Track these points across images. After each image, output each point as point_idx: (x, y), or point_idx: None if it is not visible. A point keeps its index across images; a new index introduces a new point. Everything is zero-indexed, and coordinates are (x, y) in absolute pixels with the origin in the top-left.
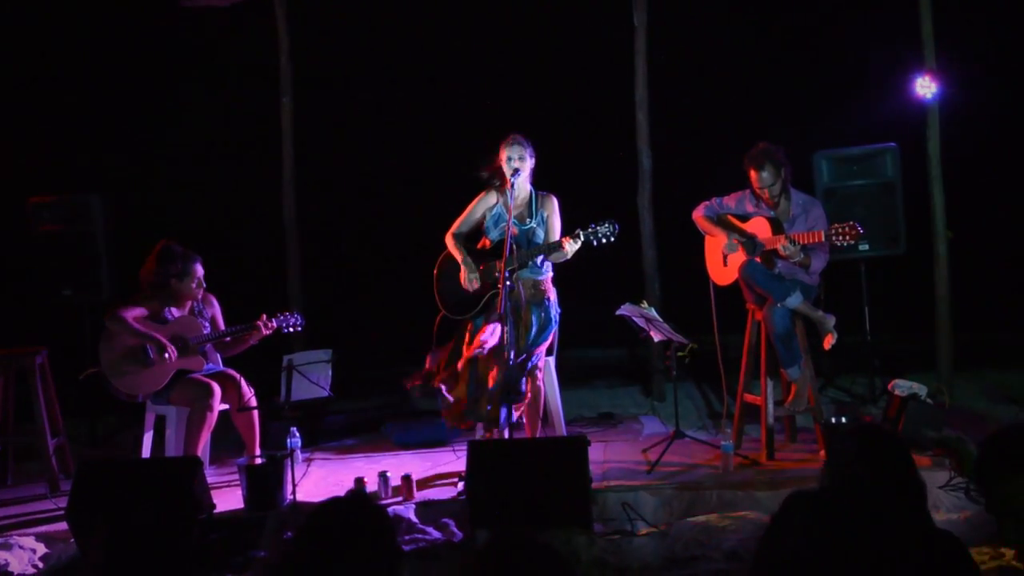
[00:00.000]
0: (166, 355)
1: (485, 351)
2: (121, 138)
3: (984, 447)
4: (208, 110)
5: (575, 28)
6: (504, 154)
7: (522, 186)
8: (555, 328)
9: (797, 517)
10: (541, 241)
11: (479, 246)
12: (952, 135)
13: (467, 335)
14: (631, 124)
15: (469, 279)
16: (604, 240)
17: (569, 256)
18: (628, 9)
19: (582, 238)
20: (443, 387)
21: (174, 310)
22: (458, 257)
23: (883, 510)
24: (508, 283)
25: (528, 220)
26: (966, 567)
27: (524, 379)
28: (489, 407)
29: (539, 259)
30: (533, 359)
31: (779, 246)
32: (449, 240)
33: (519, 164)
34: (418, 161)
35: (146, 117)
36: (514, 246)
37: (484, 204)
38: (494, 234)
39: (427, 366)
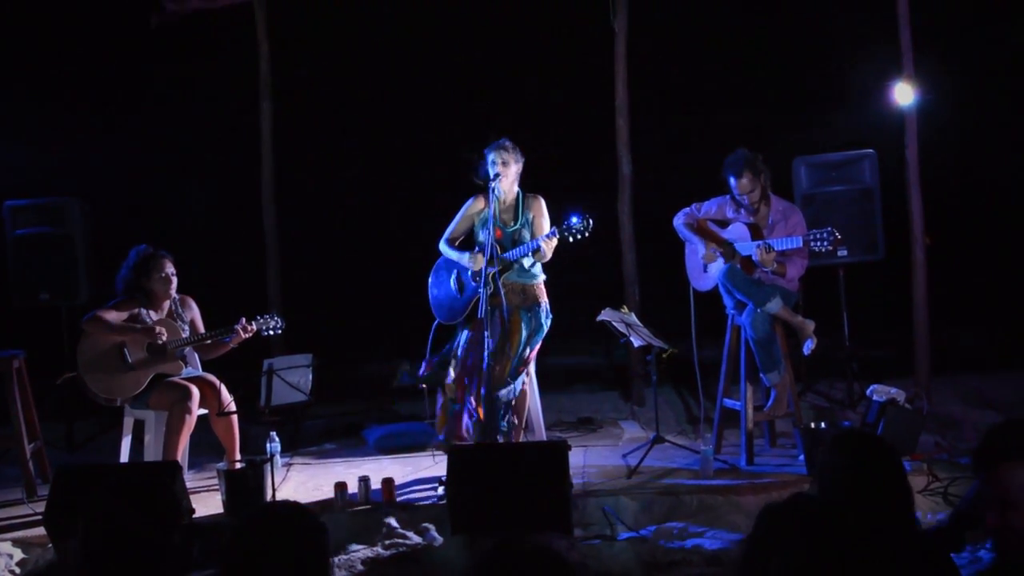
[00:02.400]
0: (157, 334)
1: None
2: (100, 141)
3: (987, 435)
4: (188, 114)
5: (555, 33)
6: (487, 158)
7: (508, 189)
8: (544, 333)
9: (777, 529)
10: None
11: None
12: (930, 142)
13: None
14: (611, 129)
15: (473, 260)
16: (578, 235)
17: (548, 256)
18: (607, 14)
19: (556, 235)
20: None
21: (152, 313)
22: (455, 257)
23: (870, 517)
24: (489, 287)
25: (512, 223)
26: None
27: (504, 414)
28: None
29: (528, 263)
30: (516, 384)
31: (757, 252)
32: (443, 246)
33: (500, 169)
34: (398, 165)
35: (125, 120)
36: (497, 249)
37: (473, 209)
38: (482, 238)
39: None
